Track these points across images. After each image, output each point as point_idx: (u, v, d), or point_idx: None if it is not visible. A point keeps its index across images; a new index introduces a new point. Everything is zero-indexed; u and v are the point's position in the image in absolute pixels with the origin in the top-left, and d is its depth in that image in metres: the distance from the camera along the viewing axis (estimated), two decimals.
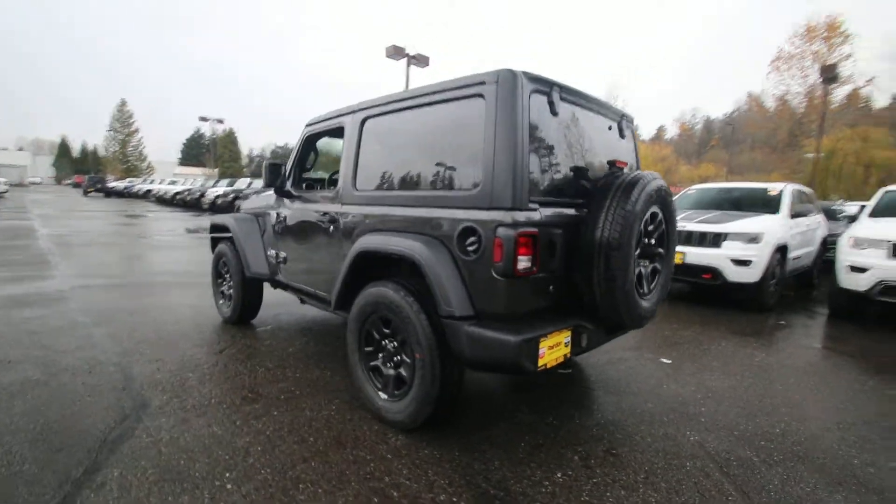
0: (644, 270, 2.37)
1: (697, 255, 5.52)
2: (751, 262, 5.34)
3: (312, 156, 3.51)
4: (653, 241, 2.38)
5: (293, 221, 3.32)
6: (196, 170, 52.09)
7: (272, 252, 3.62)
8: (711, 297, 6.02)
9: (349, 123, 2.84)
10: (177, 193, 22.73)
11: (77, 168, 62.30)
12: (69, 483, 1.86)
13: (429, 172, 2.35)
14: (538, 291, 2.10)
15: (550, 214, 2.10)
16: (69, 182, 54.92)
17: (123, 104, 57.41)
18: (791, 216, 6.17)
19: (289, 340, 3.77)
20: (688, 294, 6.33)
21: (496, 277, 1.96)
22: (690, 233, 5.64)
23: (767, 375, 3.42)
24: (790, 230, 6.01)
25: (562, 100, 2.22)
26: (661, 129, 62.10)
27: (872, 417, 2.74)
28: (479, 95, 2.08)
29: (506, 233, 1.90)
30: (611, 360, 3.54)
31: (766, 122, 38.63)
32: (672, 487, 1.99)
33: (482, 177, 2.03)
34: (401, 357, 2.36)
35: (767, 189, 6.62)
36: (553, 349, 2.02)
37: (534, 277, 2.01)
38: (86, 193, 32.43)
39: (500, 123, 1.99)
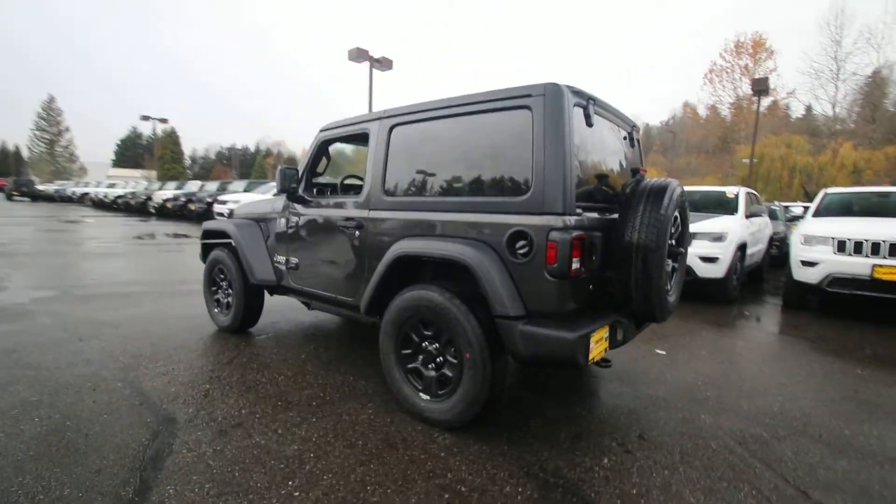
0: (667, 269, 2.58)
1: None
2: (717, 259, 5.81)
3: (325, 161, 3.48)
4: (673, 242, 2.59)
5: (309, 227, 3.28)
6: (134, 172, 48.52)
7: (280, 258, 3.55)
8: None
9: (375, 130, 2.87)
10: (119, 197, 21.19)
11: None
12: None
13: (471, 178, 2.43)
14: (582, 290, 2.24)
15: (592, 218, 2.25)
16: None
17: (51, 100, 52.71)
18: (747, 216, 6.78)
19: (297, 347, 3.70)
20: None
21: (549, 278, 2.08)
22: None
23: (751, 361, 3.78)
24: (747, 229, 6.60)
25: (595, 112, 2.39)
26: None
27: (849, 394, 3.11)
28: (526, 107, 2.19)
29: (561, 236, 2.02)
30: (612, 353, 3.75)
31: (700, 129, 41.76)
32: (706, 465, 2.19)
33: (532, 183, 2.15)
34: (444, 358, 2.43)
35: (725, 192, 7.22)
36: (598, 343, 2.17)
37: (580, 277, 2.15)
38: (10, 198, 29.48)
39: (549, 134, 2.12)
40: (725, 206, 6.90)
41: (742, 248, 6.26)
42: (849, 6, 34.16)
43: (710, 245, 5.86)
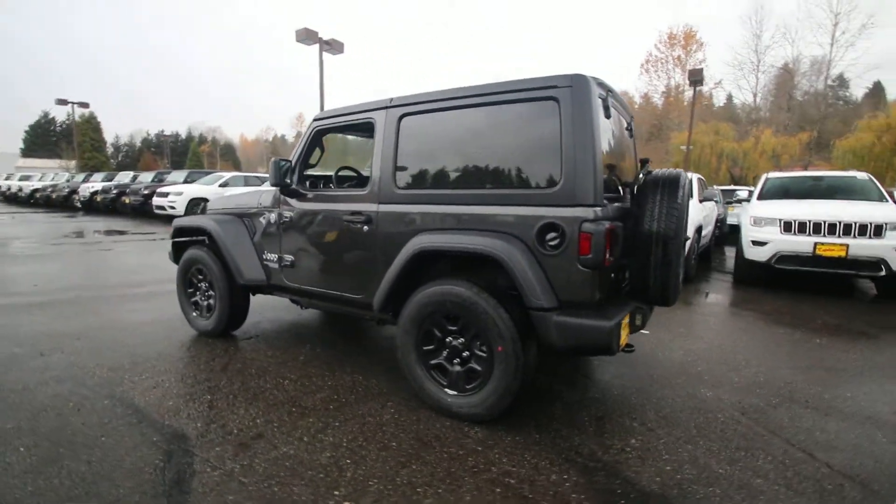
0: None
1: None
2: None
3: (318, 152, 3.31)
4: None
5: (306, 222, 3.11)
6: (49, 162, 43.53)
7: (271, 256, 3.35)
8: None
9: (382, 120, 2.75)
10: (36, 190, 19.02)
11: None
12: None
13: (493, 170, 2.40)
14: (608, 279, 2.30)
15: (615, 208, 2.31)
16: None
17: None
18: (700, 201, 7.27)
19: (291, 349, 3.53)
20: None
21: (582, 269, 2.12)
22: None
23: (725, 336, 4.09)
24: (701, 213, 7.08)
25: (611, 104, 2.43)
26: None
27: (817, 362, 3.46)
28: (552, 98, 2.19)
29: (595, 227, 2.06)
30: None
31: (635, 117, 43.95)
32: (721, 436, 2.36)
33: (562, 175, 2.16)
34: (471, 352, 2.42)
35: None
36: (624, 329, 2.25)
37: (608, 267, 2.21)
38: None
39: (578, 126, 2.13)
40: None
41: (699, 230, 6.72)
42: (767, 2, 37.15)
43: None
